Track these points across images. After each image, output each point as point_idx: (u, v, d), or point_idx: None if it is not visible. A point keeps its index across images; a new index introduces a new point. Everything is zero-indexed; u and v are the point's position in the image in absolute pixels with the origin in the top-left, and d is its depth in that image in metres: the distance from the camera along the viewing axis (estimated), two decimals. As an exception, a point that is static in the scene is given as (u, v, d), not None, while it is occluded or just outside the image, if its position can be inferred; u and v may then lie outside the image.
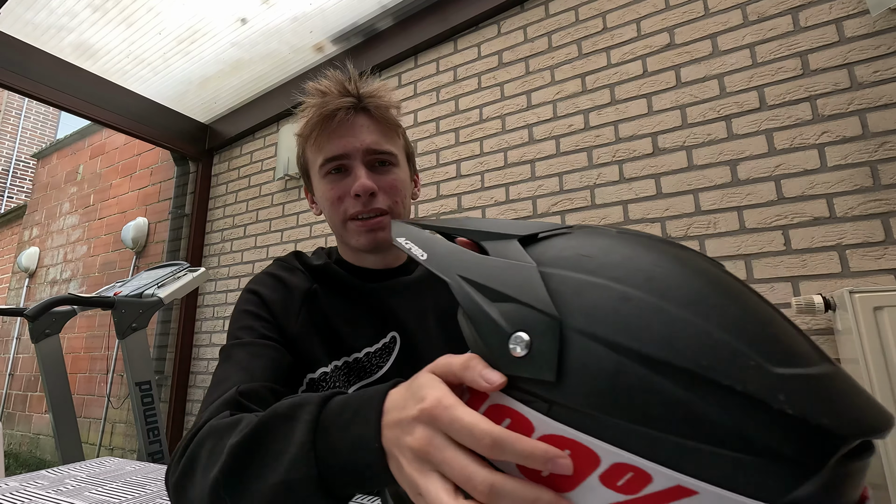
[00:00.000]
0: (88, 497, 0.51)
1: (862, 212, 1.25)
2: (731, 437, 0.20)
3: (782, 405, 0.19)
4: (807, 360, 0.22)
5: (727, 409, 0.20)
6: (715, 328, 0.22)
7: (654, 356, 0.22)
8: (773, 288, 1.32)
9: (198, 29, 2.21)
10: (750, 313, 0.23)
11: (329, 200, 0.68)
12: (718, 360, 0.21)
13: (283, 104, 2.58)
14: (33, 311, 1.61)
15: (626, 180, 1.59)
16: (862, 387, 0.23)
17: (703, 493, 0.20)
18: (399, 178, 0.69)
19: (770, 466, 0.19)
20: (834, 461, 0.19)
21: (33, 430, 3.92)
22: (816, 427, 0.19)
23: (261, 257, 2.54)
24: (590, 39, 1.75)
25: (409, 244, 0.36)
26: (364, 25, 2.22)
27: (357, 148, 0.66)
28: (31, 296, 4.44)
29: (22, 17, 2.09)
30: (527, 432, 0.24)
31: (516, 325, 0.26)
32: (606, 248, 0.27)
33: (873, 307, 1.02)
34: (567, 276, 0.26)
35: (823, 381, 0.21)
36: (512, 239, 0.31)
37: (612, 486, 0.21)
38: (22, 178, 10.04)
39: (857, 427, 0.20)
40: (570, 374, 0.23)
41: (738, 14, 1.49)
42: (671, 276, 0.25)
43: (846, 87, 1.31)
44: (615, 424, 0.22)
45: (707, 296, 0.24)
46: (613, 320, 0.23)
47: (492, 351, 0.27)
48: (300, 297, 0.68)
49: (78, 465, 0.66)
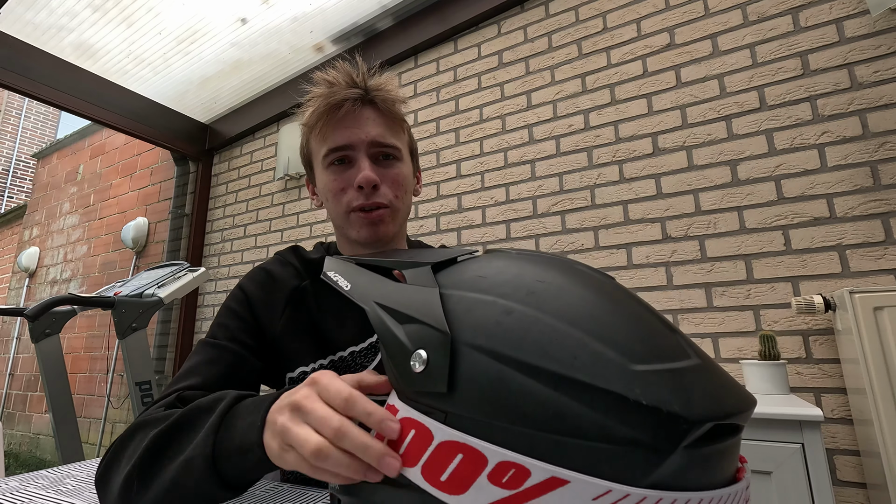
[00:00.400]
0: (88, 497, 0.51)
1: (862, 212, 1.25)
2: (595, 429, 0.22)
3: (638, 396, 0.22)
4: (670, 356, 0.24)
5: (591, 405, 0.22)
6: (584, 334, 0.25)
7: (529, 362, 0.24)
8: (774, 288, 1.32)
9: (198, 29, 2.21)
10: (620, 320, 0.26)
11: (332, 191, 0.67)
12: (584, 362, 0.24)
13: (283, 104, 2.59)
14: (33, 311, 1.61)
15: (626, 180, 1.59)
16: (729, 377, 0.26)
17: (574, 482, 0.22)
18: (402, 172, 0.69)
19: (631, 453, 0.22)
20: (688, 443, 0.21)
21: (33, 430, 3.93)
22: (668, 414, 0.21)
23: (261, 257, 2.54)
24: (590, 39, 1.75)
25: (336, 276, 0.40)
26: (364, 25, 2.22)
27: (362, 140, 0.66)
28: (31, 296, 4.44)
29: (22, 17, 2.09)
30: (428, 440, 0.27)
31: (416, 343, 0.29)
32: (500, 269, 0.31)
33: (873, 307, 1.02)
34: (462, 295, 0.30)
35: (682, 374, 0.24)
36: (425, 266, 0.35)
37: (497, 483, 0.24)
38: (22, 178, 10.04)
39: (707, 412, 0.22)
40: (460, 384, 0.26)
41: (738, 14, 1.49)
42: (551, 289, 0.28)
43: (846, 87, 1.31)
44: (499, 426, 0.24)
45: (581, 306, 0.27)
46: (496, 332, 0.26)
47: (397, 368, 0.30)
48: (286, 296, 0.68)
49: (78, 465, 0.66)
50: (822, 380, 1.23)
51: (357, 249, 0.70)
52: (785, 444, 0.91)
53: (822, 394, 1.22)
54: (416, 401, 0.29)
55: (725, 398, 0.23)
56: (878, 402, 0.97)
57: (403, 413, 0.29)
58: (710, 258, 1.42)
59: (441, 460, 0.26)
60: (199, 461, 0.42)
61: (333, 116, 0.65)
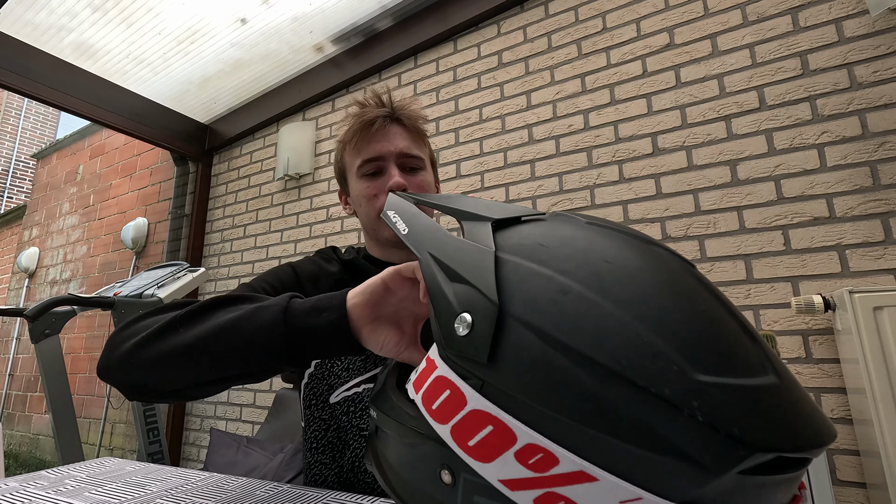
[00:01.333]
0: (88, 497, 0.51)
1: (862, 212, 1.25)
2: (637, 433, 0.21)
3: (694, 411, 0.20)
4: (744, 370, 0.22)
5: (638, 408, 0.21)
6: (646, 329, 0.22)
7: (579, 350, 0.23)
8: (773, 288, 1.32)
9: (198, 29, 2.21)
10: (694, 318, 0.24)
11: (365, 197, 0.75)
12: (640, 361, 0.22)
13: (282, 104, 2.59)
14: (33, 311, 1.61)
15: (625, 180, 1.59)
16: (812, 404, 0.23)
17: (603, 481, 0.21)
18: (426, 179, 0.78)
19: (673, 466, 0.20)
20: (740, 470, 0.19)
21: (33, 430, 3.92)
22: (726, 435, 0.19)
23: (261, 257, 2.54)
24: (589, 39, 1.75)
25: (395, 217, 0.39)
26: (364, 25, 2.22)
27: (391, 151, 0.75)
28: (31, 296, 4.44)
29: (22, 17, 2.09)
30: (461, 404, 0.26)
31: (464, 305, 0.27)
32: (565, 239, 0.28)
33: (873, 307, 1.02)
34: (518, 263, 0.28)
35: (752, 393, 0.21)
36: (486, 221, 0.33)
37: (524, 462, 0.23)
38: (22, 179, 10.03)
39: (773, 441, 0.20)
40: (502, 357, 0.25)
41: (737, 14, 1.50)
42: (619, 273, 0.25)
43: (846, 87, 1.31)
44: (534, 409, 0.23)
45: (650, 296, 0.24)
46: (548, 311, 0.24)
47: (441, 327, 0.29)
48: (331, 285, 0.73)
49: (78, 465, 0.66)
50: (821, 380, 1.23)
51: (387, 250, 0.77)
52: (785, 444, 0.91)
53: (822, 394, 1.23)
54: (455, 362, 0.28)
55: (800, 428, 0.21)
56: (878, 402, 0.97)
57: (441, 371, 0.28)
58: (709, 258, 1.42)
59: (470, 427, 0.25)
60: (273, 309, 0.43)
61: (366, 132, 0.75)
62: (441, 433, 0.27)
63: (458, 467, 0.26)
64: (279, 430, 1.13)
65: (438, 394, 0.28)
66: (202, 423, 2.58)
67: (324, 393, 0.68)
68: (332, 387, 0.67)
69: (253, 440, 1.12)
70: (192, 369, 0.44)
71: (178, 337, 0.44)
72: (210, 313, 0.46)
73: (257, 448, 1.08)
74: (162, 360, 0.44)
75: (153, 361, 0.45)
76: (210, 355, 0.43)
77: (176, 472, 0.62)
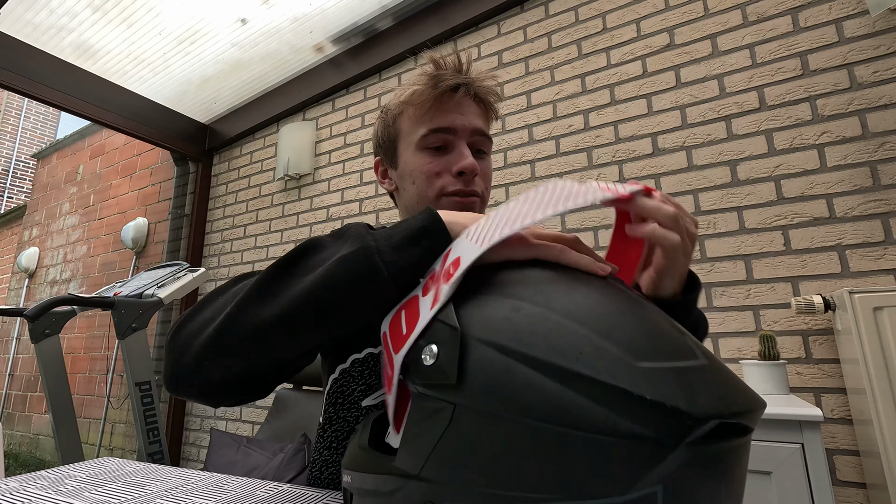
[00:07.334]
0: (88, 497, 0.51)
1: (862, 212, 1.25)
2: (599, 422, 0.23)
3: (643, 392, 0.22)
4: (676, 355, 0.25)
5: (596, 399, 0.23)
6: (590, 331, 0.26)
7: (536, 356, 0.25)
8: (773, 288, 1.32)
9: (198, 29, 2.21)
10: (627, 319, 0.27)
11: (425, 174, 0.65)
12: (589, 358, 0.24)
13: (283, 104, 2.59)
14: (33, 311, 1.61)
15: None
16: (738, 379, 0.26)
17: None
18: (490, 166, 0.70)
19: (635, 447, 0.22)
20: (692, 440, 0.22)
21: (33, 430, 3.92)
22: (672, 409, 0.22)
23: (261, 257, 2.54)
24: (590, 40, 1.75)
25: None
26: (364, 25, 2.22)
27: (465, 127, 0.65)
28: (31, 296, 4.44)
29: (22, 17, 2.09)
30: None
31: (429, 339, 0.30)
32: (510, 273, 0.33)
33: (873, 307, 1.02)
34: (471, 294, 0.31)
35: (688, 372, 0.24)
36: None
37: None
38: (22, 178, 10.04)
39: (713, 409, 0.22)
40: (469, 376, 0.27)
41: (737, 14, 1.50)
42: (561, 289, 0.30)
43: (846, 88, 1.31)
44: (505, 417, 0.25)
45: (589, 305, 0.28)
46: (504, 328, 0.28)
47: (411, 362, 0.31)
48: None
49: (78, 465, 0.66)
50: (821, 380, 1.23)
51: None
52: (785, 444, 0.91)
53: (822, 394, 1.22)
54: (424, 393, 0.30)
55: (733, 397, 0.24)
56: (878, 402, 0.97)
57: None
58: (709, 258, 1.42)
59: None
60: (360, 254, 0.39)
61: (440, 99, 0.64)
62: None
63: (441, 501, 0.27)
64: (279, 430, 1.13)
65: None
66: (202, 423, 2.58)
67: (354, 393, 0.61)
68: (372, 388, 0.60)
69: (253, 440, 1.12)
70: (287, 341, 0.41)
71: (263, 310, 0.40)
72: (286, 280, 0.41)
73: (257, 448, 1.08)
74: (258, 335, 0.40)
75: (244, 338, 0.41)
76: (305, 322, 0.40)
77: (176, 472, 0.62)
